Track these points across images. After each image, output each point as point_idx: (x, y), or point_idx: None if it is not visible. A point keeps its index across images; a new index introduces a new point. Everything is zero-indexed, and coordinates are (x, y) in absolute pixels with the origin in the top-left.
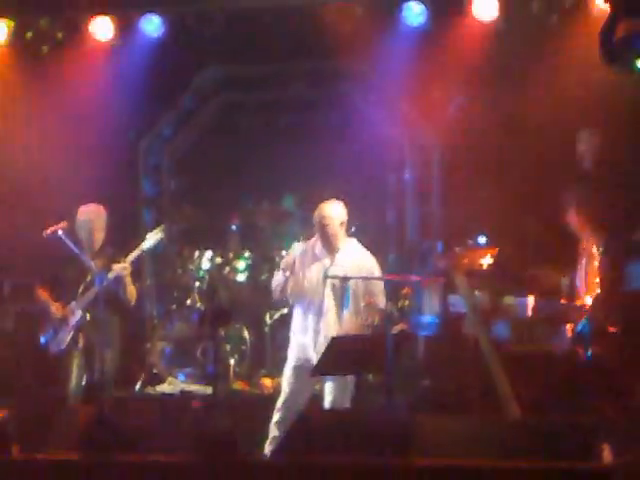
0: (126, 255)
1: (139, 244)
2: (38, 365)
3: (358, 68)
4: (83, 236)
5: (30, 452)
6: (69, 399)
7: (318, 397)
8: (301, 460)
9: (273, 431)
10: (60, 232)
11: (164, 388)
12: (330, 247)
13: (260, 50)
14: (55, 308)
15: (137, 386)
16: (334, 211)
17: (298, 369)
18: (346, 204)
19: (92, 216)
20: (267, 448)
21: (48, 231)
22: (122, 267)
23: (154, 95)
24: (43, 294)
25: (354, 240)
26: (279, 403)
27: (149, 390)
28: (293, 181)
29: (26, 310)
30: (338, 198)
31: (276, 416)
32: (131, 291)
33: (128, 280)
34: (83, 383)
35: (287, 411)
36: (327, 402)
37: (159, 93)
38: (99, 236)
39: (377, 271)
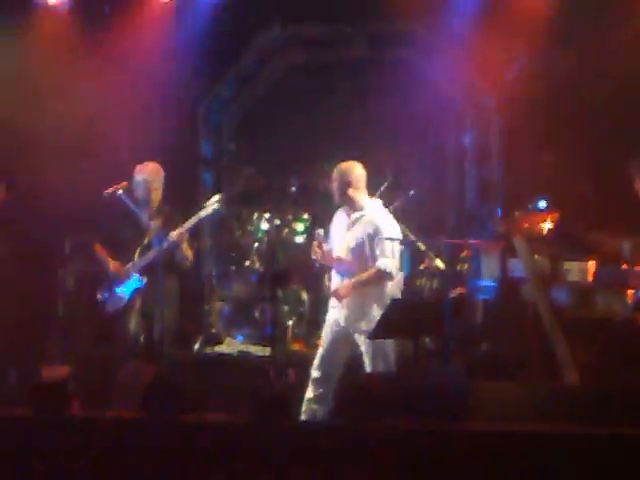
0: (183, 221)
1: (197, 211)
2: (99, 324)
3: (420, 31)
4: (140, 195)
5: (90, 410)
6: (127, 358)
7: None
8: (354, 424)
9: (309, 392)
10: (120, 192)
11: (222, 348)
12: (348, 208)
13: (322, 11)
14: (113, 267)
15: (196, 346)
16: (337, 172)
17: (334, 332)
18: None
19: (149, 175)
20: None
21: (108, 191)
22: (178, 234)
23: (215, 56)
24: (102, 252)
25: (375, 202)
26: (315, 364)
27: (207, 350)
28: (352, 144)
29: (87, 270)
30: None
31: (314, 375)
32: (187, 255)
33: (184, 246)
34: (140, 343)
35: (324, 373)
36: (367, 366)
37: (220, 54)
38: (156, 195)
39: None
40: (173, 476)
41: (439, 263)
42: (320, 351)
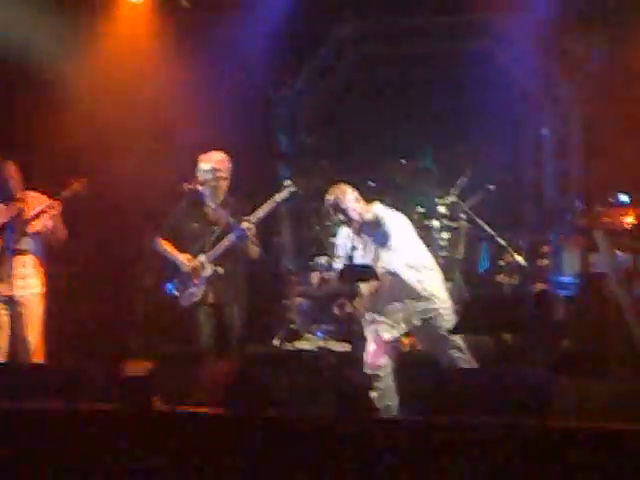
0: (254, 210)
1: (272, 196)
2: (177, 319)
3: (498, 22)
4: (207, 184)
5: (171, 405)
6: (207, 354)
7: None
8: (433, 418)
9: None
10: (200, 187)
11: (302, 344)
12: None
13: (399, 3)
14: (183, 259)
15: (276, 342)
16: (331, 196)
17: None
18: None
19: (217, 163)
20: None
21: (190, 185)
22: (246, 226)
23: (291, 48)
24: (168, 246)
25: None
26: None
27: (287, 346)
28: (430, 137)
29: (165, 266)
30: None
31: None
32: (252, 250)
33: (252, 239)
34: (216, 337)
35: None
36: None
37: (296, 46)
38: (224, 184)
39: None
40: (254, 472)
41: (519, 258)
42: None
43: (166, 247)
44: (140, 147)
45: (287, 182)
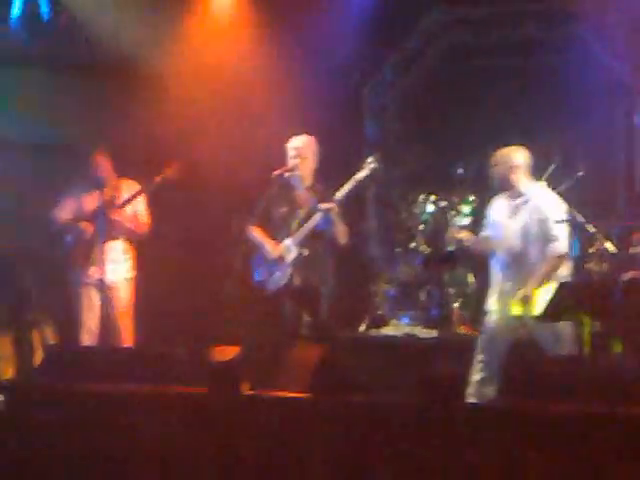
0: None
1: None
2: (265, 304)
3: (590, 9)
4: (292, 168)
5: (259, 390)
6: (294, 339)
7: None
8: (520, 406)
9: (475, 374)
10: (287, 174)
11: (388, 330)
12: (509, 194)
13: None
14: (270, 246)
15: (361, 328)
16: (499, 156)
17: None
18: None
19: (302, 147)
20: (471, 391)
21: (277, 172)
22: (327, 206)
23: (379, 37)
24: (258, 232)
25: (539, 185)
26: (479, 346)
27: (373, 332)
28: (518, 125)
29: (253, 250)
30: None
31: (478, 357)
32: (341, 230)
33: (336, 219)
34: (304, 322)
35: (486, 354)
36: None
37: (384, 35)
38: (306, 165)
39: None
40: (340, 456)
41: (609, 246)
42: (484, 331)
43: (256, 234)
44: (231, 134)
45: (369, 159)
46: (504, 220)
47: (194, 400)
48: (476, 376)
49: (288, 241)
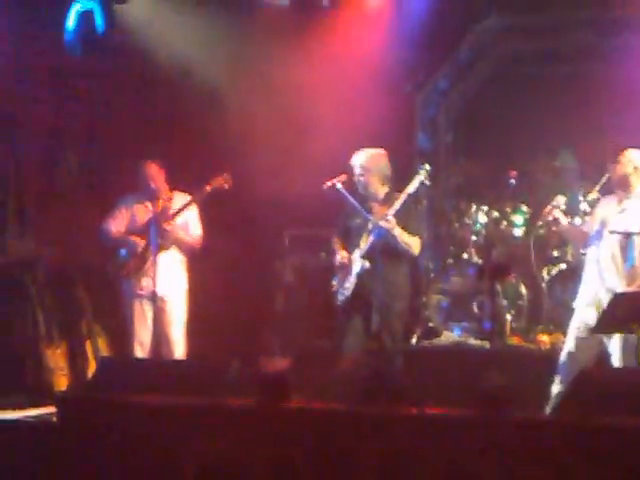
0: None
1: (403, 189)
2: (320, 315)
3: None
4: (358, 183)
5: (309, 401)
6: (348, 349)
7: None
8: (579, 419)
9: (555, 387)
10: (339, 185)
11: (440, 342)
12: (621, 193)
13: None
14: (339, 257)
15: (413, 339)
16: (626, 156)
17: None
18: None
19: (365, 162)
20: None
21: (328, 184)
22: (385, 222)
23: (432, 49)
24: (338, 244)
25: None
26: (561, 359)
27: (425, 344)
28: (572, 134)
29: (304, 261)
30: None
31: (558, 375)
32: (406, 241)
33: (397, 233)
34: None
35: (567, 368)
36: (614, 360)
37: (437, 46)
38: (373, 180)
39: None
40: (392, 467)
41: None
42: (567, 345)
43: (335, 246)
44: (282, 145)
45: (419, 171)
46: (610, 218)
47: (245, 412)
48: (555, 389)
49: (356, 252)
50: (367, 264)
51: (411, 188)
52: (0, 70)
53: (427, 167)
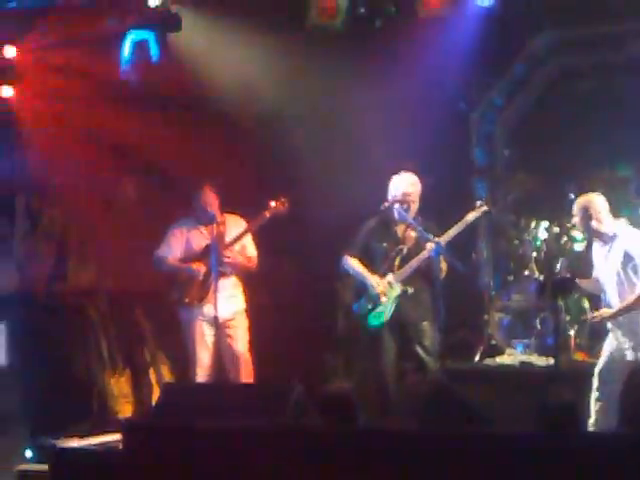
0: (445, 231)
1: (460, 220)
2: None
3: None
4: (397, 208)
5: (371, 422)
6: (388, 372)
7: None
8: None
9: (593, 406)
10: (397, 206)
11: (503, 359)
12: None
13: (594, 11)
14: (373, 281)
15: (476, 357)
16: (576, 207)
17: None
18: None
19: (408, 189)
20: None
21: (386, 204)
22: (430, 247)
23: (486, 65)
24: (356, 264)
25: (622, 224)
26: (596, 375)
27: (488, 362)
28: (630, 146)
29: None
30: None
31: (595, 385)
32: (443, 268)
33: (443, 256)
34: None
35: (602, 384)
36: None
37: (491, 62)
38: (413, 207)
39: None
40: None
41: None
42: (600, 362)
43: (355, 265)
44: (337, 166)
45: (479, 202)
46: (600, 263)
47: (309, 434)
48: (595, 406)
49: (391, 277)
50: (410, 289)
51: (471, 217)
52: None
53: (487, 197)
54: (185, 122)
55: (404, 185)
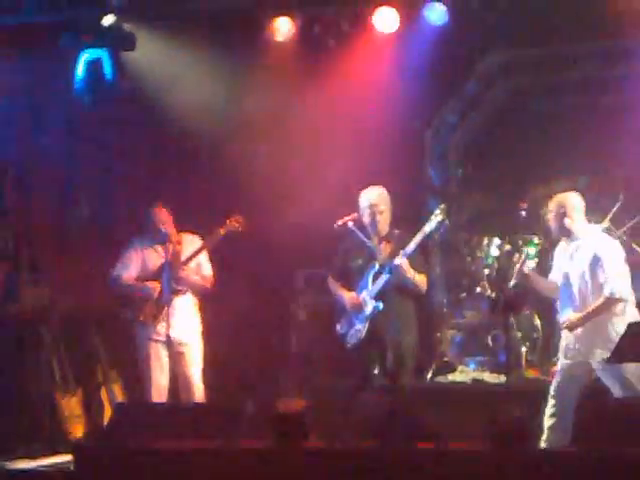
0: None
1: (420, 227)
2: (334, 355)
3: None
4: (367, 220)
5: (325, 441)
6: (362, 389)
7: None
8: (594, 450)
9: (547, 420)
10: (351, 224)
11: (455, 377)
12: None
13: (545, 32)
14: (349, 299)
15: (428, 375)
16: (553, 203)
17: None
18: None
19: (375, 199)
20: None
21: (339, 223)
22: (395, 263)
23: (438, 83)
24: (335, 285)
25: (594, 228)
26: (551, 391)
27: (440, 379)
28: (581, 165)
29: (320, 302)
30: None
31: (550, 402)
32: (417, 280)
33: (409, 272)
34: (375, 372)
35: (557, 401)
36: (615, 392)
37: (443, 81)
38: (384, 219)
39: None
40: None
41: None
42: (556, 378)
43: (333, 287)
44: (291, 184)
45: (436, 211)
46: (564, 264)
47: (261, 454)
48: (548, 422)
49: (365, 294)
50: (381, 305)
51: (428, 227)
52: (12, 119)
53: (443, 206)
54: (139, 141)
55: (371, 197)
